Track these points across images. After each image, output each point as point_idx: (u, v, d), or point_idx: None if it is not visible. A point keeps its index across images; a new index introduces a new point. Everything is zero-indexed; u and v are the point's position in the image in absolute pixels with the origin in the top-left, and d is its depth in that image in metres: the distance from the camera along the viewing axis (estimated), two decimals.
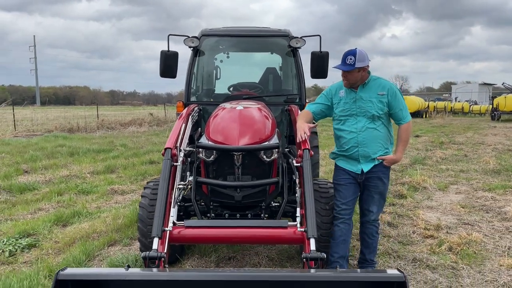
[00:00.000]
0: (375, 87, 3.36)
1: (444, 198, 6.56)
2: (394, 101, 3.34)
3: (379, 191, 3.46)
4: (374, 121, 3.34)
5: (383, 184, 3.46)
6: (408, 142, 3.51)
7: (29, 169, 8.50)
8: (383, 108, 3.33)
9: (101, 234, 4.59)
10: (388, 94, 3.33)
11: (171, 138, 3.35)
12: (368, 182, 3.43)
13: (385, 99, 3.32)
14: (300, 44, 4.60)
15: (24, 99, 75.27)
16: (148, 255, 2.61)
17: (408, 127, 3.44)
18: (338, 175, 3.51)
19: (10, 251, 4.09)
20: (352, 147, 3.39)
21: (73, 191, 6.71)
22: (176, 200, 3.18)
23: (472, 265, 3.92)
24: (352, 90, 3.38)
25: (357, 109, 3.35)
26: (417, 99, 32.67)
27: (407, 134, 3.45)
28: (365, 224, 3.57)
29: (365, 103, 3.33)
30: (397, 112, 3.37)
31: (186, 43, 4.58)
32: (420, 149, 12.38)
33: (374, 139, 3.35)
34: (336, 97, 3.47)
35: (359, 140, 3.35)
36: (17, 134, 14.49)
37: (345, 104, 3.40)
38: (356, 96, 3.36)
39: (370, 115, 3.32)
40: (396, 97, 3.35)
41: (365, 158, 3.38)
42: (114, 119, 19.67)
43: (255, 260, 3.96)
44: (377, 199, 3.48)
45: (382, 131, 3.38)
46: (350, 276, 2.43)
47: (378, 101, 3.32)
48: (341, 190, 3.44)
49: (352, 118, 3.38)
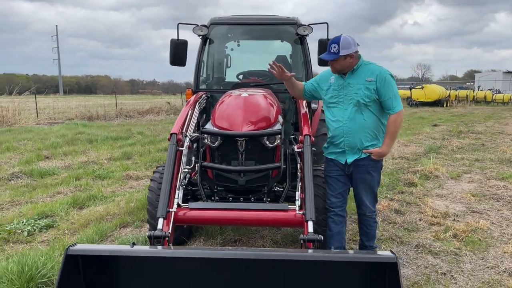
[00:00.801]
0: (364, 73, 3.21)
1: (455, 186, 6.52)
2: (383, 89, 3.15)
3: (367, 185, 3.34)
4: (361, 109, 3.19)
5: (371, 177, 3.33)
6: (396, 134, 3.28)
7: (50, 155, 8.82)
8: (371, 96, 3.16)
9: (114, 216, 4.79)
10: (377, 80, 3.15)
11: (177, 123, 3.47)
12: (356, 175, 3.33)
13: (373, 85, 3.16)
14: (307, 31, 4.63)
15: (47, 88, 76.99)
16: (153, 234, 2.75)
17: (397, 119, 3.18)
18: (327, 167, 3.47)
19: (29, 231, 4.33)
20: (338, 136, 3.30)
21: (90, 176, 6.96)
22: (182, 183, 3.31)
23: (475, 252, 3.95)
24: (341, 76, 3.29)
25: (344, 96, 3.25)
26: (437, 87, 31.99)
27: (395, 126, 3.21)
28: (362, 216, 3.51)
29: (352, 90, 3.21)
30: (386, 100, 3.17)
31: (195, 32, 4.66)
32: (436, 138, 12.24)
33: (361, 129, 3.22)
34: (326, 83, 3.40)
35: (345, 129, 3.24)
36: (40, 122, 14.98)
37: (333, 90, 3.32)
38: (344, 83, 3.26)
39: (356, 102, 3.19)
40: (385, 84, 3.16)
41: (351, 149, 3.27)
42: (132, 108, 20.05)
43: (259, 243, 4.08)
44: (367, 192, 3.37)
45: (370, 121, 3.22)
46: (343, 256, 2.51)
47: (365, 88, 3.17)
48: (331, 183, 3.41)
49: (340, 106, 3.28)
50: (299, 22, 4.79)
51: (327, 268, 2.50)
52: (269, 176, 3.52)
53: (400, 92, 35.69)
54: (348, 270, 2.52)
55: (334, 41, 3.14)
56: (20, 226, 4.42)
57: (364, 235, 3.60)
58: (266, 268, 2.51)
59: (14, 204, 5.39)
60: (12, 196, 5.71)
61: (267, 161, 3.50)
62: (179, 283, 2.58)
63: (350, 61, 3.20)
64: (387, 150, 3.27)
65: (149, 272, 2.58)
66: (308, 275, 2.54)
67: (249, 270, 2.52)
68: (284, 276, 2.54)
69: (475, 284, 3.32)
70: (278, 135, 3.46)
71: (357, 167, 3.29)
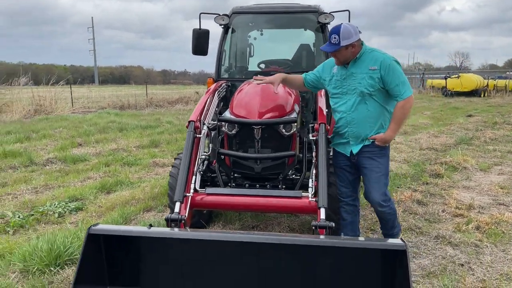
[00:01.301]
0: (367, 61, 3.11)
1: (484, 178, 6.34)
2: (388, 76, 3.05)
3: (374, 172, 3.23)
4: (365, 99, 3.12)
5: (377, 164, 3.22)
6: (403, 120, 3.18)
7: (83, 142, 9.20)
8: (374, 85, 3.08)
9: (139, 201, 4.99)
10: (381, 68, 3.05)
11: (195, 111, 3.57)
12: (361, 163, 3.27)
13: (377, 74, 3.06)
14: (328, 19, 4.60)
15: (84, 79, 79.33)
16: (170, 217, 2.88)
17: (405, 104, 3.08)
18: (335, 158, 3.45)
19: (60, 213, 4.58)
20: (342, 127, 3.25)
21: (119, 162, 7.23)
22: (199, 169, 3.41)
23: (497, 244, 3.86)
24: (344, 66, 3.20)
25: (347, 87, 3.17)
26: (474, 77, 30.73)
27: (402, 112, 3.11)
28: (375, 209, 3.40)
29: (355, 80, 3.12)
30: (393, 88, 3.07)
31: (217, 21, 4.73)
32: (469, 129, 11.85)
33: (365, 119, 3.15)
34: (328, 73, 3.33)
35: (348, 120, 3.19)
36: (74, 111, 15.58)
37: (336, 81, 3.25)
38: (347, 73, 3.17)
39: (359, 93, 3.11)
40: (390, 71, 3.05)
41: (355, 139, 3.22)
42: (162, 97, 20.47)
43: (276, 229, 4.16)
44: (374, 180, 3.23)
45: (375, 111, 3.15)
46: (353, 243, 2.54)
47: (369, 76, 3.08)
48: (339, 174, 3.40)
49: (343, 96, 3.22)
50: (321, 10, 4.76)
51: (337, 254, 2.54)
52: (285, 163, 3.57)
53: (434, 81, 34.72)
54: (359, 256, 2.54)
55: (334, 31, 3.04)
56: (52, 208, 4.69)
57: (383, 225, 3.55)
58: (277, 252, 2.57)
59: (47, 188, 5.69)
60: (46, 180, 6.02)
61: (283, 149, 3.55)
62: (193, 263, 2.69)
63: (353, 50, 3.10)
64: (391, 135, 3.16)
65: (165, 252, 2.71)
66: (318, 260, 2.59)
67: (261, 254, 2.59)
68: (294, 261, 2.60)
69: (493, 276, 3.27)
70: (295, 123, 3.50)
71: (362, 154, 3.23)
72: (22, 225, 4.26)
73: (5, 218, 4.44)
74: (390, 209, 3.35)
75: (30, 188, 5.62)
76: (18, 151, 7.79)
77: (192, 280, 2.69)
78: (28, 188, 5.62)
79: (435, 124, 13.11)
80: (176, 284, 2.73)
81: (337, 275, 2.59)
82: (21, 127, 10.90)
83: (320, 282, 2.60)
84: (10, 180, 6.03)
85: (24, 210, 4.72)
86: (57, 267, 3.20)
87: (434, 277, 3.24)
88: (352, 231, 3.48)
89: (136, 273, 2.77)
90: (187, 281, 2.70)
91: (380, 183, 3.24)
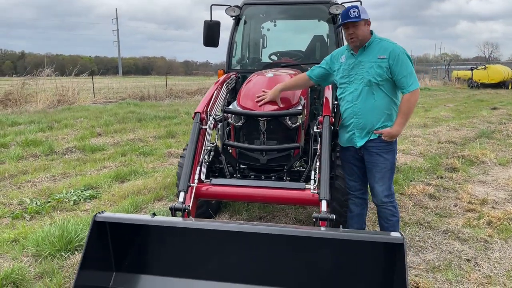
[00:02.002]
0: (376, 50, 3.06)
1: (502, 173, 6.18)
2: (396, 67, 2.98)
3: (379, 169, 3.15)
4: (373, 89, 3.05)
5: (384, 160, 3.14)
6: (410, 114, 3.09)
7: (102, 132, 9.42)
8: (382, 74, 3.01)
9: (151, 190, 5.10)
10: (390, 58, 2.99)
11: (201, 103, 3.61)
12: (367, 158, 3.20)
13: (385, 63, 3.00)
14: (340, 10, 4.53)
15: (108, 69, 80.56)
16: (174, 206, 2.95)
17: (411, 97, 3.01)
18: (342, 152, 3.42)
19: (75, 201, 4.74)
20: (348, 118, 3.20)
21: (135, 152, 7.39)
22: (205, 160, 3.47)
23: (508, 240, 3.79)
24: (352, 54, 3.15)
25: (355, 75, 3.11)
26: (502, 68, 29.73)
27: (409, 105, 3.03)
28: (378, 207, 3.30)
29: (363, 69, 3.06)
30: (400, 79, 3.00)
31: (228, 13, 4.75)
32: (492, 122, 11.54)
33: (371, 110, 3.08)
34: (336, 63, 3.27)
35: (355, 110, 3.13)
36: (96, 101, 15.91)
37: (344, 70, 3.19)
38: (355, 61, 3.11)
39: (367, 82, 3.05)
40: (399, 61, 2.98)
41: (360, 131, 3.15)
42: (182, 88, 20.65)
43: (283, 221, 4.19)
44: (379, 177, 3.17)
45: (382, 102, 3.07)
46: (351, 235, 2.54)
47: (377, 65, 3.01)
48: (346, 167, 3.38)
49: (350, 86, 3.15)
50: (332, 1, 4.71)
51: (336, 246, 2.55)
52: (290, 155, 3.58)
53: (460, 73, 33.79)
54: (358, 249, 2.55)
55: (353, 7, 3.02)
56: (67, 196, 4.86)
57: (382, 229, 3.31)
58: (276, 243, 2.60)
59: (65, 176, 5.88)
60: (65, 169, 6.23)
61: (289, 141, 3.56)
62: (194, 252, 2.75)
63: (368, 29, 3.07)
64: (398, 130, 3.09)
65: (168, 240, 2.78)
66: (317, 252, 2.61)
67: (261, 244, 2.63)
68: (293, 252, 2.63)
69: (500, 272, 3.22)
70: (300, 115, 3.49)
71: (368, 149, 3.16)
72: (38, 212, 4.43)
73: (23, 204, 4.63)
74: (393, 206, 3.25)
75: (49, 176, 5.82)
76: (40, 140, 8.06)
77: (194, 268, 2.76)
78: (47, 176, 5.82)
79: (457, 117, 12.80)
80: (178, 271, 2.80)
81: (335, 266, 2.61)
82: (44, 117, 11.24)
83: (318, 274, 2.63)
84: (31, 168, 6.26)
85: (42, 197, 4.90)
86: (67, 253, 3.33)
87: (438, 272, 3.21)
88: (358, 223, 3.47)
89: (141, 259, 2.85)
90: (188, 269, 2.77)
91: (384, 179, 3.17)
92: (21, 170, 6.11)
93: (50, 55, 75.58)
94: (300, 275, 2.65)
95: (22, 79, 14.83)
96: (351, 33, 3.04)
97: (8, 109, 13.11)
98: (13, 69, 70.41)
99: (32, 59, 60.25)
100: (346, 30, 3.07)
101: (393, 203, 3.26)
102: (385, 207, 3.22)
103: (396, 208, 3.27)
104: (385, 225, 3.30)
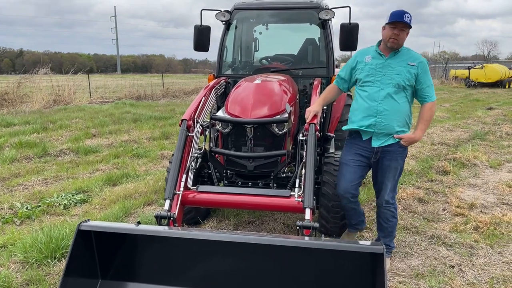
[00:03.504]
0: (406, 57, 3.22)
1: (492, 176, 6.22)
2: (424, 76, 3.20)
3: (393, 173, 3.29)
4: (398, 92, 3.18)
5: (398, 164, 3.28)
6: (430, 122, 3.34)
7: (97, 133, 9.43)
8: (411, 79, 3.18)
9: (141, 194, 5.12)
10: (419, 66, 3.19)
11: (188, 110, 3.64)
12: (384, 162, 3.28)
13: (415, 70, 3.17)
14: (329, 16, 4.55)
15: (107, 67, 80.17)
16: (159, 214, 2.97)
17: (433, 107, 3.27)
18: (348, 155, 3.39)
19: (65, 205, 4.76)
20: (369, 116, 3.22)
21: (129, 154, 7.40)
22: (192, 168, 3.49)
23: (494, 246, 3.81)
24: (381, 55, 3.24)
25: (383, 76, 3.20)
26: (499, 67, 29.70)
27: (431, 113, 3.27)
28: (380, 208, 3.42)
29: (393, 70, 3.18)
30: (424, 88, 3.20)
31: (218, 18, 4.75)
32: (487, 123, 11.56)
33: (395, 113, 3.18)
34: (361, 62, 3.33)
35: (379, 109, 3.18)
36: (92, 101, 15.91)
37: (370, 69, 3.25)
38: (384, 63, 3.21)
39: (395, 84, 3.16)
40: (426, 72, 3.22)
41: (381, 132, 3.21)
42: (178, 88, 20.64)
43: (271, 225, 4.21)
44: (391, 180, 3.31)
45: (403, 106, 3.20)
46: (332, 245, 2.56)
47: (407, 71, 3.17)
48: (347, 172, 3.35)
49: (376, 85, 3.21)
50: (322, 6, 4.72)
51: (319, 255, 2.58)
52: (277, 162, 3.61)
53: (458, 72, 33.77)
54: (340, 258, 2.58)
55: (406, 12, 3.11)
56: (58, 200, 4.87)
57: (381, 230, 3.49)
58: (260, 252, 2.62)
59: (57, 179, 5.90)
60: (57, 172, 6.24)
61: (276, 148, 3.58)
62: (179, 260, 2.78)
63: (405, 38, 3.19)
64: (420, 135, 3.26)
65: (153, 249, 2.81)
66: (300, 261, 2.64)
67: (245, 253, 2.65)
68: (276, 261, 2.65)
69: (483, 279, 3.24)
70: (286, 123, 3.52)
71: (386, 153, 3.25)
72: (29, 216, 4.45)
73: (14, 208, 4.64)
74: (394, 208, 3.41)
75: (41, 179, 5.84)
76: (34, 142, 8.07)
77: (178, 276, 2.78)
78: (39, 179, 5.83)
79: (452, 118, 12.82)
80: (163, 279, 2.82)
81: (318, 275, 2.64)
82: (39, 117, 11.24)
83: (301, 282, 2.66)
84: (24, 170, 6.27)
85: (33, 201, 4.92)
86: (54, 260, 3.35)
87: (422, 278, 3.24)
88: (357, 217, 3.57)
89: (127, 267, 2.88)
90: (173, 277, 2.79)
91: (394, 182, 3.35)
92: (14, 173, 6.13)
93: (49, 53, 75.34)
94: (283, 284, 2.68)
95: (18, 78, 14.81)
96: (396, 33, 3.12)
97: (4, 109, 13.11)
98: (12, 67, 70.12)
99: (30, 57, 60.07)
100: (392, 29, 3.13)
101: (395, 205, 3.43)
102: (388, 208, 3.37)
103: (396, 210, 3.45)
104: (384, 225, 3.44)
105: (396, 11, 3.13)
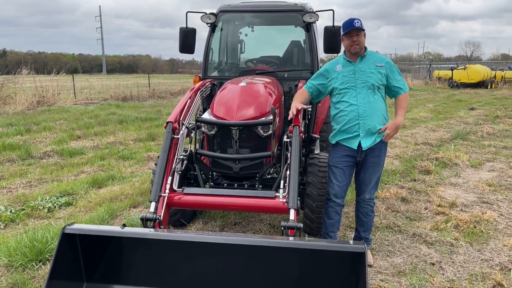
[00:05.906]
0: (373, 60, 3.44)
1: (473, 175, 6.37)
2: (393, 74, 3.45)
3: (377, 169, 3.46)
4: (374, 93, 3.37)
5: (381, 160, 3.47)
6: (406, 110, 3.59)
7: (82, 135, 9.34)
8: (382, 79, 3.40)
9: (127, 196, 5.11)
10: (386, 67, 3.42)
11: (174, 112, 3.66)
12: (369, 159, 3.42)
13: (384, 70, 3.40)
14: (313, 19, 4.62)
15: (92, 67, 79.06)
16: (145, 217, 2.99)
17: (407, 96, 3.53)
18: (335, 157, 3.48)
19: (49, 208, 4.72)
20: (352, 120, 3.36)
21: (115, 156, 7.36)
22: (177, 170, 3.51)
23: (473, 243, 3.92)
24: (350, 62, 3.41)
25: (356, 81, 3.38)
26: (481, 68, 30.34)
27: (407, 102, 3.54)
28: (361, 203, 3.56)
29: (365, 74, 3.38)
30: (398, 81, 3.44)
31: (203, 20, 4.78)
32: (468, 123, 11.81)
33: (375, 112, 3.36)
34: (333, 72, 3.47)
35: (360, 112, 3.34)
36: (77, 102, 15.73)
37: (343, 77, 3.41)
38: (355, 68, 3.40)
39: (370, 85, 3.35)
40: (394, 70, 3.47)
41: (366, 132, 3.34)
42: (165, 88, 20.55)
43: (257, 226, 4.25)
44: (374, 177, 3.48)
45: (381, 104, 3.41)
46: (315, 245, 2.62)
47: (377, 72, 3.39)
48: (337, 174, 3.44)
49: (352, 90, 3.37)
50: (306, 9, 4.78)
51: (302, 255, 2.63)
52: (263, 163, 3.65)
53: (441, 72, 34.31)
54: (323, 258, 2.63)
55: (355, 18, 3.35)
56: (42, 203, 4.83)
57: (361, 224, 3.62)
58: (245, 253, 2.66)
59: (41, 182, 5.84)
60: (41, 174, 6.18)
61: (261, 149, 3.62)
62: (165, 262, 2.80)
63: (364, 40, 3.41)
64: (401, 120, 3.46)
65: (138, 251, 2.82)
66: (284, 261, 2.68)
67: (230, 254, 2.69)
68: (261, 261, 2.69)
69: (463, 276, 3.34)
70: (271, 124, 3.56)
71: (371, 151, 3.40)
72: (13, 220, 4.40)
73: None
74: (373, 203, 3.62)
75: (24, 182, 5.78)
76: (17, 144, 7.96)
77: (163, 278, 2.80)
78: (23, 182, 5.77)
79: (435, 118, 13.06)
80: (149, 281, 2.84)
81: (301, 275, 2.69)
82: (23, 119, 11.08)
83: (285, 282, 2.70)
84: (7, 173, 6.19)
85: (17, 204, 4.87)
86: (39, 263, 3.33)
87: (404, 276, 3.32)
88: (337, 228, 3.60)
89: (112, 270, 2.88)
90: (158, 279, 2.81)
91: (377, 178, 3.53)
92: None
93: (32, 53, 74.02)
94: (269, 283, 2.72)
95: (1, 78, 14.57)
96: (354, 40, 3.34)
97: None
98: None
99: (13, 57, 58.93)
100: (349, 38, 3.35)
101: (374, 200, 3.66)
102: (369, 203, 3.56)
103: (374, 204, 3.68)
104: (364, 220, 3.61)
105: (346, 21, 3.39)
